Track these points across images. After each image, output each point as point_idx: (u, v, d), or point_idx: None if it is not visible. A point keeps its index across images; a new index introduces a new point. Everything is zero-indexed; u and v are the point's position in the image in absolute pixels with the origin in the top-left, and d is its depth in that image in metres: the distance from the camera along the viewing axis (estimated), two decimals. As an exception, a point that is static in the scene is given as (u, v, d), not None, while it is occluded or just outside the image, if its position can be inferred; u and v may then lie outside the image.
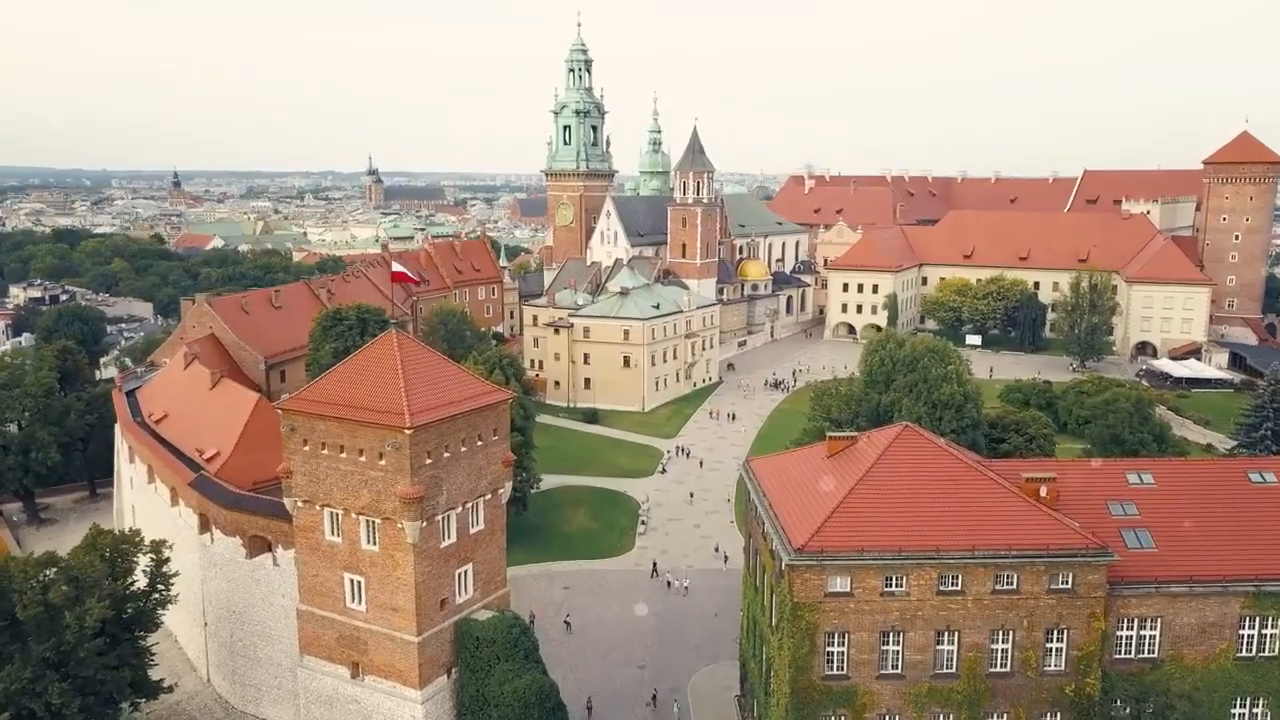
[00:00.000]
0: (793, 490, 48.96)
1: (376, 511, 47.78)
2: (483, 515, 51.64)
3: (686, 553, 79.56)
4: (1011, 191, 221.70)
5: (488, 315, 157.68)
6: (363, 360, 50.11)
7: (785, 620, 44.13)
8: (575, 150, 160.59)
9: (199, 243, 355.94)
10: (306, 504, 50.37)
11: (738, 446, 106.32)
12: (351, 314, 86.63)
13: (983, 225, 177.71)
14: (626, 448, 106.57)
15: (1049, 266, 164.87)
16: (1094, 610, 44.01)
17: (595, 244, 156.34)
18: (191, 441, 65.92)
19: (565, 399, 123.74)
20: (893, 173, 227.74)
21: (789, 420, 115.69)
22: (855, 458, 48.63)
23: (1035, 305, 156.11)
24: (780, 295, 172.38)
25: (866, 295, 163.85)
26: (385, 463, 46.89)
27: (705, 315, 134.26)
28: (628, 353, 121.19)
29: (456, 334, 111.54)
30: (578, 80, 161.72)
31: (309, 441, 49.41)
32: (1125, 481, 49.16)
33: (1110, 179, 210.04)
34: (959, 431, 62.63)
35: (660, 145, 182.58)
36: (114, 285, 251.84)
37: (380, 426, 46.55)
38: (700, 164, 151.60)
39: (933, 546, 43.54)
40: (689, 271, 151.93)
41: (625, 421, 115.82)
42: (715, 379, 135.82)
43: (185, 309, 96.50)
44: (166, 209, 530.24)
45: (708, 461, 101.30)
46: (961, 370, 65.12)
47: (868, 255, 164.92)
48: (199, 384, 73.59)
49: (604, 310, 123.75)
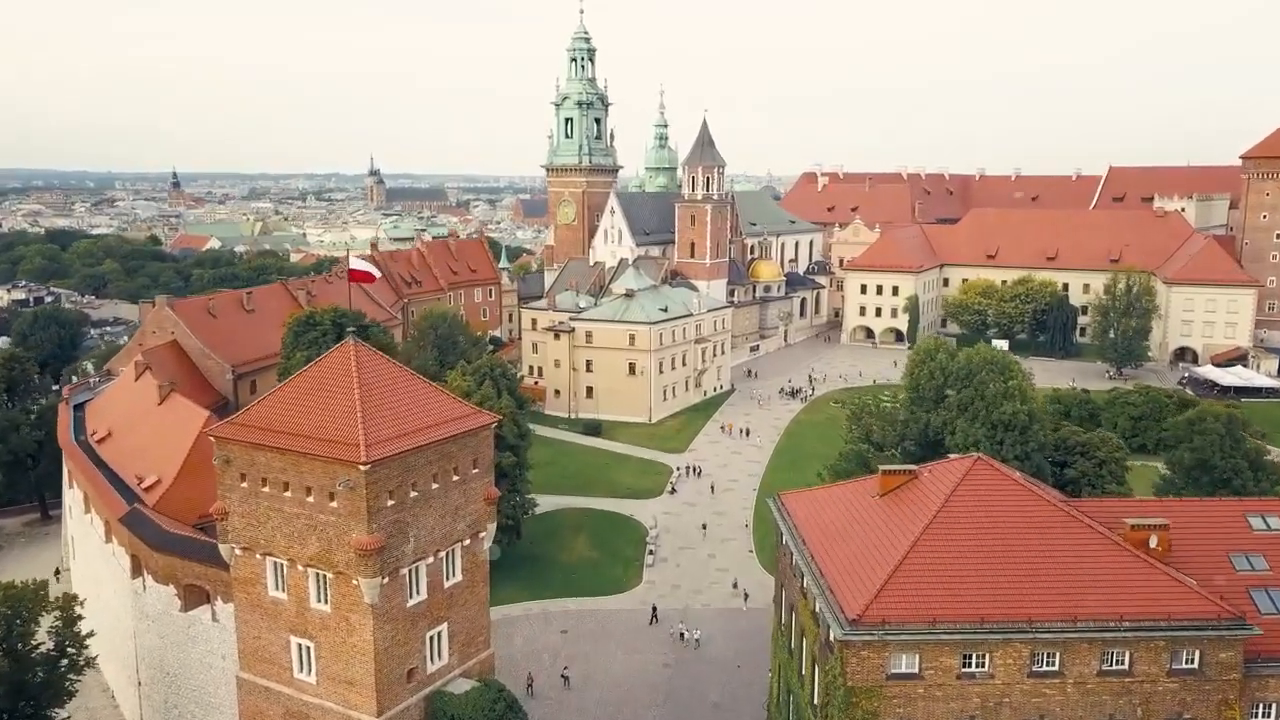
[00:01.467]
0: (839, 538, 39.87)
1: (327, 564, 38.77)
2: (460, 565, 42.58)
3: (700, 588, 70.47)
4: (1033, 189, 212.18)
5: (484, 319, 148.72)
6: (313, 377, 41.09)
7: (836, 707, 35.07)
8: (577, 144, 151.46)
9: (196, 244, 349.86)
10: (245, 551, 41.34)
11: (754, 463, 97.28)
12: (326, 318, 77.61)
13: (1007, 224, 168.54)
14: (632, 464, 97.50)
15: (1079, 267, 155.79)
16: (1226, 696, 34.97)
17: (598, 243, 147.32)
18: (132, 466, 57.12)
19: (566, 409, 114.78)
20: (908, 170, 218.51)
21: (808, 433, 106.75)
22: (916, 498, 39.55)
23: (1066, 308, 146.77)
24: (794, 297, 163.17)
25: (886, 297, 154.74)
26: (337, 505, 37.89)
27: (716, 319, 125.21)
28: (633, 359, 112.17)
29: (448, 339, 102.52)
30: (580, 70, 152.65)
31: (247, 476, 40.41)
32: (1247, 526, 40.04)
33: (1137, 176, 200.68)
34: (1022, 458, 53.58)
35: (666, 140, 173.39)
36: (103, 287, 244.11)
37: (330, 460, 37.55)
38: (710, 158, 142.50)
39: (1023, 616, 34.50)
40: (698, 272, 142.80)
41: (630, 434, 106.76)
42: (727, 387, 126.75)
43: (144, 312, 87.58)
44: (166, 210, 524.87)
45: (721, 481, 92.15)
46: (1025, 386, 56.08)
47: (887, 255, 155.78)
48: (148, 399, 64.77)
49: (608, 313, 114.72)
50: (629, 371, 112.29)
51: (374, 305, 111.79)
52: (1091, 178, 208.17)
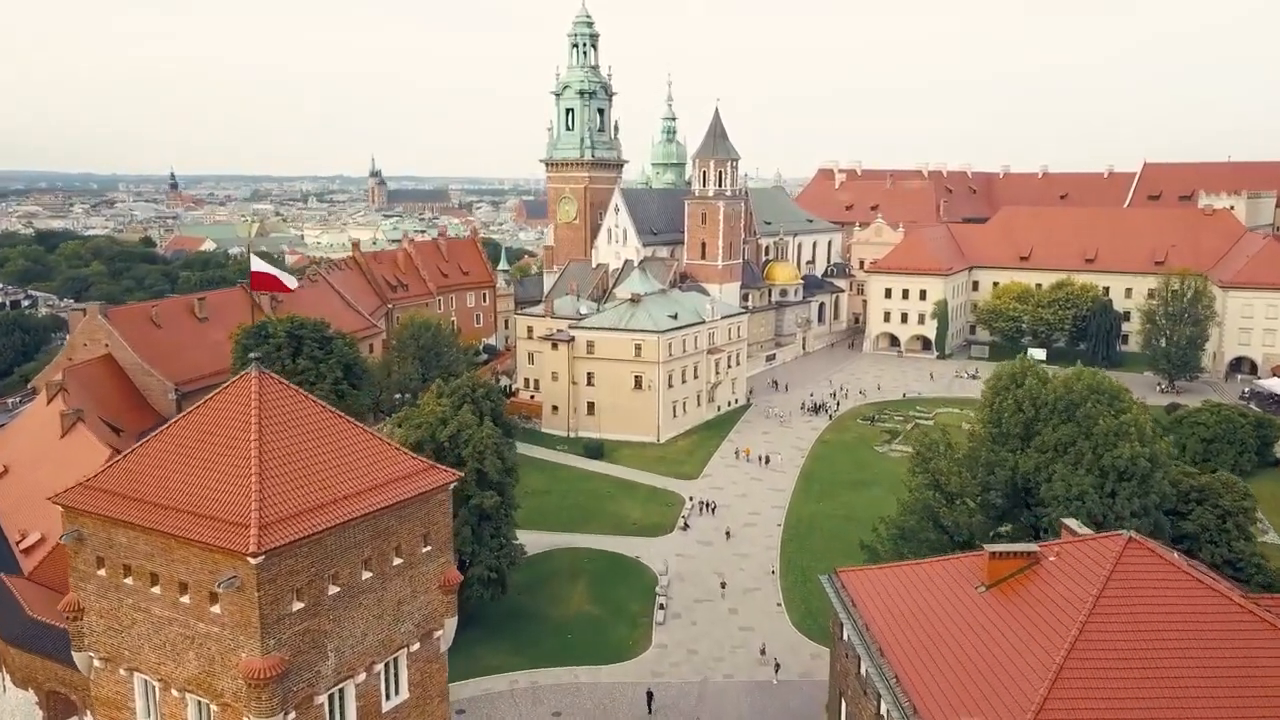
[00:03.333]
0: (933, 648, 28.39)
1: (209, 691, 27.39)
2: (406, 678, 31.18)
3: (721, 654, 58.88)
4: (1061, 187, 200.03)
5: (478, 325, 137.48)
6: (198, 424, 29.70)
7: None
8: (579, 136, 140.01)
9: (191, 245, 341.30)
10: (107, 663, 29.98)
11: (777, 491, 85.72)
12: (281, 329, 66.20)
13: (1040, 223, 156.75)
14: (638, 493, 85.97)
15: (1120, 269, 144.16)
16: None
17: (601, 244, 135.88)
18: (16, 518, 45.83)
19: (565, 427, 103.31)
20: (929, 167, 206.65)
21: (837, 456, 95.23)
22: (1044, 597, 28.04)
23: (1110, 314, 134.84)
24: (812, 302, 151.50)
25: (913, 302, 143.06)
26: (220, 611, 26.54)
27: (731, 326, 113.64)
28: (639, 372, 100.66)
29: (431, 350, 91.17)
30: (582, 56, 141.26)
31: (105, 562, 29.09)
32: None
33: (1174, 172, 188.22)
34: (1139, 514, 41.99)
35: (675, 134, 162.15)
36: (85, 290, 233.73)
37: (209, 548, 26.23)
38: (723, 150, 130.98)
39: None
40: (709, 275, 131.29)
41: (636, 457, 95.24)
42: (742, 401, 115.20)
43: (73, 322, 76.21)
44: (163, 211, 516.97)
45: (740, 514, 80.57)
46: (1143, 420, 44.47)
47: (914, 257, 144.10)
48: (52, 429, 53.50)
49: (611, 321, 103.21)
50: (635, 385, 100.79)
51: (352, 314, 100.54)
52: (1124, 174, 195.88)
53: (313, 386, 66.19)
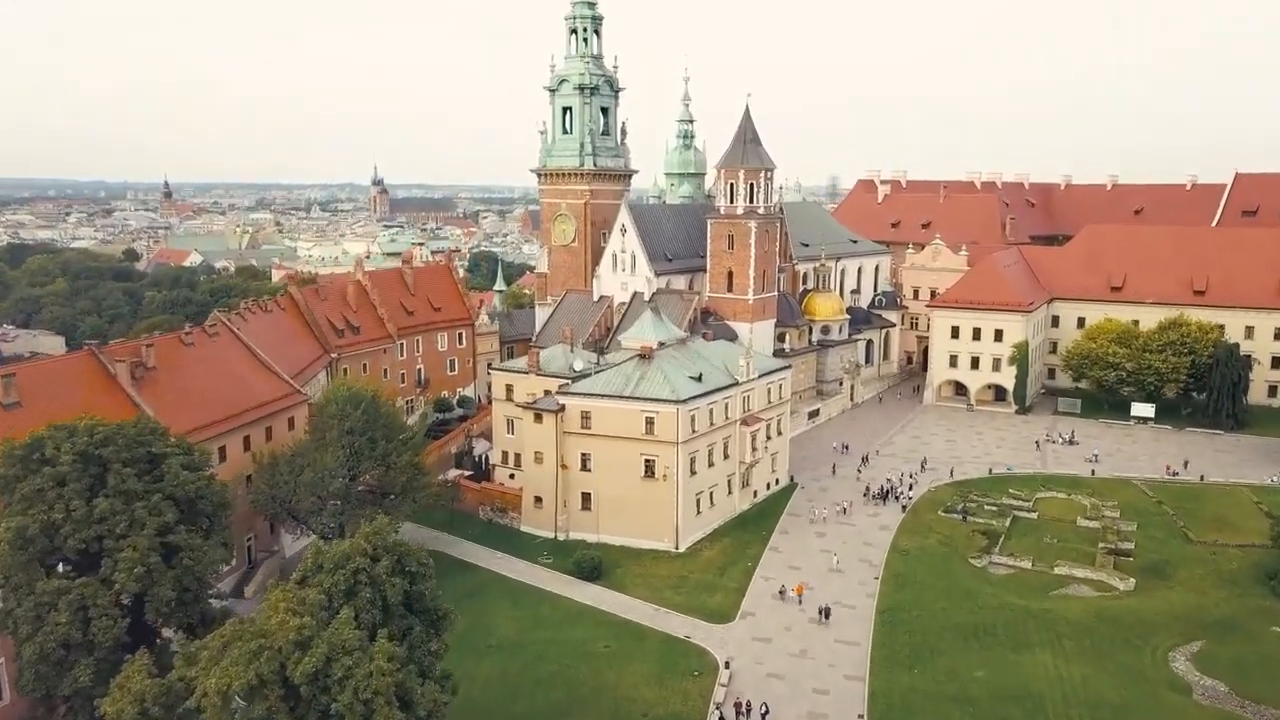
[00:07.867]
0: None
1: None
2: None
3: None
4: (1135, 200, 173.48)
5: (451, 374, 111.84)
6: None
7: None
8: (578, 141, 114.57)
9: (176, 258, 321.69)
10: None
11: (849, 646, 59.65)
12: (66, 449, 40.50)
13: (1134, 246, 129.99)
14: (649, 650, 59.84)
15: (1239, 304, 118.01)
16: None
17: (605, 271, 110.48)
18: None
19: (551, 526, 77.69)
20: (982, 177, 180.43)
21: (925, 575, 69.05)
22: None
23: (1239, 362, 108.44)
24: (859, 339, 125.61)
25: (985, 344, 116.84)
26: None
27: (771, 385, 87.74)
28: (652, 455, 74.85)
29: (363, 434, 65.41)
30: (582, 45, 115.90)
31: None
32: None
33: (1272, 184, 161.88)
34: None
35: (693, 140, 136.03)
36: (34, 313, 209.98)
37: None
38: (755, 159, 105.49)
39: None
40: (738, 311, 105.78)
41: (647, 580, 69.30)
42: (785, 482, 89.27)
43: None
44: (157, 221, 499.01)
45: (802, 690, 54.55)
46: None
47: (986, 288, 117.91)
48: None
49: (616, 385, 77.39)
50: (645, 473, 75.00)
51: (264, 376, 74.40)
52: (1212, 186, 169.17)
53: (122, 540, 40.62)
